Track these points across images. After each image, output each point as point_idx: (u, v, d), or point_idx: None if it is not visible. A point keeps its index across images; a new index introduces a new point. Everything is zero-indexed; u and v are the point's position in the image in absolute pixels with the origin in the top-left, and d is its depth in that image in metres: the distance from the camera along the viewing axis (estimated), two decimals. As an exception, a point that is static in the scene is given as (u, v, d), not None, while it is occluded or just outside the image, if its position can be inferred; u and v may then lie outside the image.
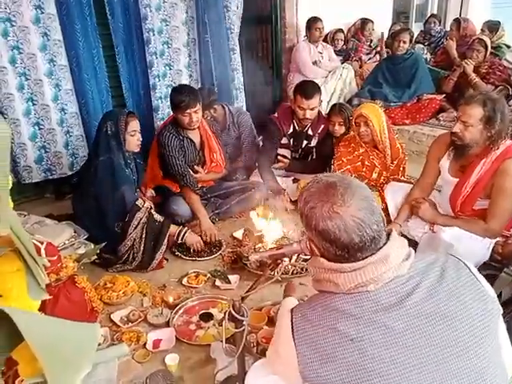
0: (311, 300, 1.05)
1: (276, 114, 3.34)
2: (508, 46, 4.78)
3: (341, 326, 0.93)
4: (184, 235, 2.59)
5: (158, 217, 2.53)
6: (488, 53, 4.15)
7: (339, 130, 3.18)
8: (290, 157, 3.36)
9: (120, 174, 2.49)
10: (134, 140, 2.55)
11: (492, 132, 2.05)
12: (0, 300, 0.85)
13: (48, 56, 3.11)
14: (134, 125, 2.54)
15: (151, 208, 2.55)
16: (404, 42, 4.22)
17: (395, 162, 2.86)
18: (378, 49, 5.04)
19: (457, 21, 5.02)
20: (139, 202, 2.50)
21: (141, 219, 2.44)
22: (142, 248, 2.44)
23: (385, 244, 0.98)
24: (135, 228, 2.42)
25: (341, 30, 5.02)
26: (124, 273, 2.40)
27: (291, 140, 3.31)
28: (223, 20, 3.82)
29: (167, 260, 2.57)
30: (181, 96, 2.72)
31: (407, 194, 2.51)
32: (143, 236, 2.44)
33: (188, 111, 2.75)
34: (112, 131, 2.47)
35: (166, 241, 2.49)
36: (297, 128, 3.27)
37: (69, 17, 3.07)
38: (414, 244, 2.36)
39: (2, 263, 0.84)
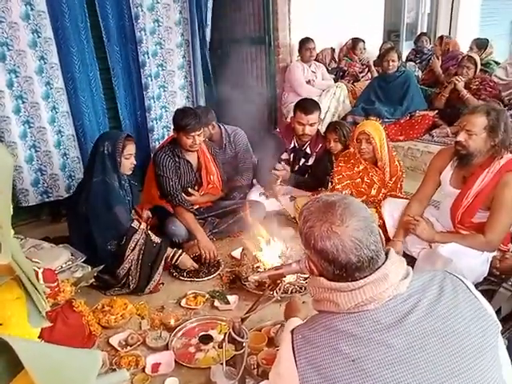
0: (311, 321, 1.04)
1: (278, 130, 3.41)
2: (497, 63, 4.89)
3: (342, 346, 0.93)
4: (179, 257, 2.59)
5: (155, 238, 2.52)
6: (478, 69, 4.24)
7: (335, 146, 3.22)
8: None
9: (114, 195, 2.48)
10: (127, 163, 2.55)
11: (496, 141, 2.08)
12: (0, 328, 0.85)
13: (45, 79, 3.14)
14: (131, 148, 2.55)
15: (148, 228, 2.54)
16: (393, 61, 4.31)
17: (393, 179, 2.87)
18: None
19: (440, 38, 5.45)
20: (135, 224, 2.49)
21: (138, 241, 2.44)
22: (138, 270, 2.43)
23: (383, 263, 0.98)
24: (132, 250, 2.41)
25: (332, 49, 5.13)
26: (121, 296, 2.38)
27: (291, 155, 3.36)
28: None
29: (163, 284, 2.54)
30: (187, 119, 2.77)
31: (405, 208, 2.52)
32: (140, 258, 2.43)
33: (192, 134, 2.80)
34: (108, 151, 2.47)
35: (163, 263, 2.48)
36: (296, 145, 3.32)
37: (65, 40, 3.12)
38: (412, 260, 2.36)
39: (2, 292, 0.83)
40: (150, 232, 2.53)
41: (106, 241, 2.43)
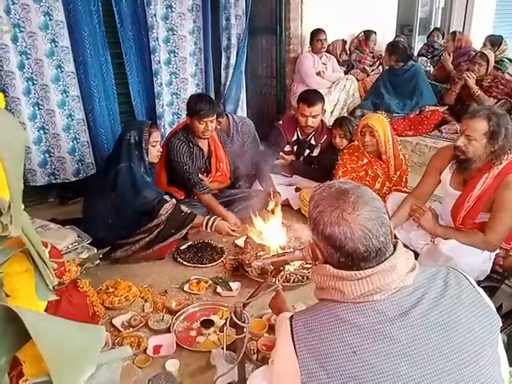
0: (312, 308, 1.03)
1: (281, 122, 3.39)
2: (511, 60, 4.83)
3: (345, 336, 0.92)
4: (213, 224, 2.66)
5: (184, 208, 2.62)
6: (491, 67, 4.19)
7: (340, 142, 3.21)
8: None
9: (141, 180, 2.57)
10: (154, 151, 2.63)
11: (495, 147, 2.04)
12: (8, 300, 0.86)
13: (55, 62, 3.15)
14: (156, 135, 2.62)
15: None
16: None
17: (398, 173, 2.87)
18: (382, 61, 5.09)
19: (453, 33, 5.34)
20: (167, 197, 2.60)
21: (167, 210, 2.53)
22: (159, 231, 2.52)
23: (391, 255, 0.97)
24: (160, 216, 2.52)
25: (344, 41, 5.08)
26: (126, 279, 2.40)
27: (294, 148, 3.35)
28: (223, 31, 3.94)
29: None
30: (202, 104, 2.78)
31: (400, 203, 2.50)
32: (164, 223, 2.52)
33: (205, 119, 2.81)
34: (135, 140, 2.54)
35: (185, 230, 2.59)
36: (300, 137, 3.31)
37: (77, 24, 3.11)
38: (415, 255, 2.36)
39: (11, 264, 0.85)
40: (180, 204, 2.64)
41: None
